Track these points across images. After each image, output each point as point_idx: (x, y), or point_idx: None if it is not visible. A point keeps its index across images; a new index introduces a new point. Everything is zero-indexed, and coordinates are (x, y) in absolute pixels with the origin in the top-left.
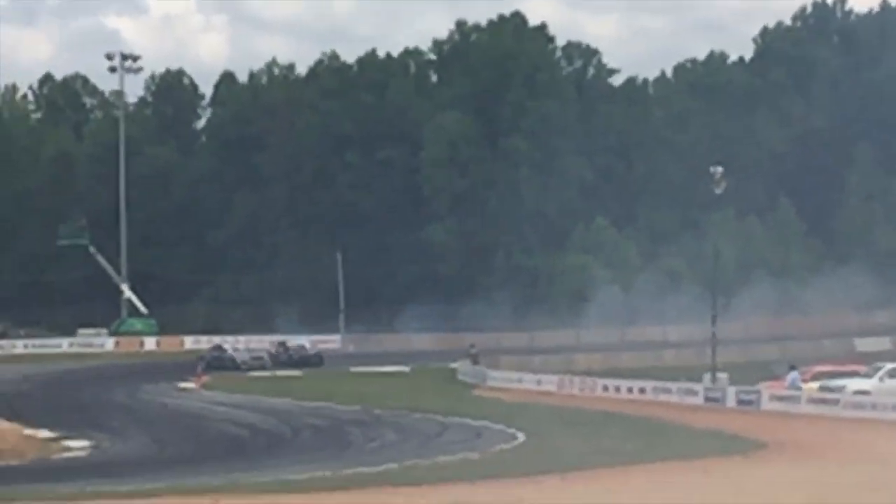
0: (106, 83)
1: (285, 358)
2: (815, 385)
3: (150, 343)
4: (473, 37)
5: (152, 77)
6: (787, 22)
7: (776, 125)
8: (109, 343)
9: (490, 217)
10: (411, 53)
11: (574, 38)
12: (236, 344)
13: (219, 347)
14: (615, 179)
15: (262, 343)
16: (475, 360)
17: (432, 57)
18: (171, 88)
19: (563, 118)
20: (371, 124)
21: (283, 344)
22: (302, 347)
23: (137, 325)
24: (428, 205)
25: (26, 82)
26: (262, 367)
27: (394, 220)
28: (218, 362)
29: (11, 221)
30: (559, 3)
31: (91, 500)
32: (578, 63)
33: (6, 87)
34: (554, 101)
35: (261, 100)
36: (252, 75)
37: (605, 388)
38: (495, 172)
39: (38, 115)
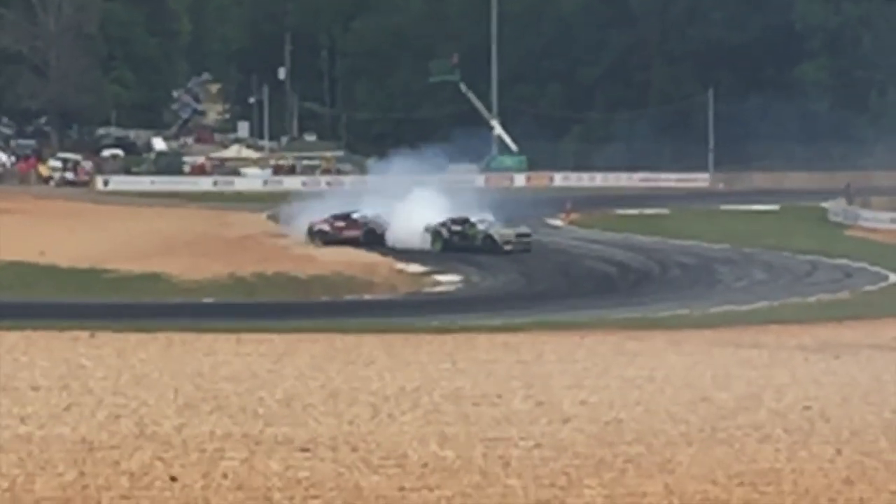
0: None
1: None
2: None
3: (519, 179)
4: None
5: None
6: None
7: None
8: (480, 179)
9: (864, 55)
10: None
11: None
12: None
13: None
14: None
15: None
16: (850, 199)
17: None
18: None
19: None
20: None
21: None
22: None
23: (507, 161)
24: (801, 42)
25: None
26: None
27: (766, 58)
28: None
29: (384, 57)
30: None
31: (460, 332)
32: None
33: None
34: None
35: None
36: None
37: None
38: (871, 9)
39: None
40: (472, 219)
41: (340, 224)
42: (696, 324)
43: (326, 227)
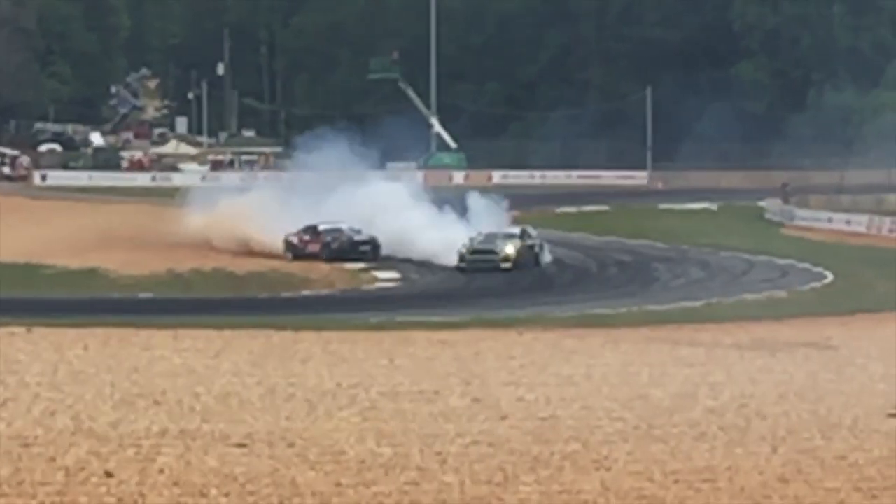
0: None
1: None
2: None
3: (458, 177)
4: None
5: None
6: None
7: None
8: (418, 176)
9: (802, 54)
10: None
11: None
12: None
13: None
14: None
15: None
16: (786, 199)
17: None
18: None
19: None
20: None
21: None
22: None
23: (446, 158)
24: (739, 41)
25: None
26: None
27: (703, 57)
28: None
29: (324, 53)
30: None
31: (398, 329)
32: None
33: None
34: None
35: None
36: None
37: None
38: (809, 9)
39: None
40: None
41: (306, 237)
42: (633, 322)
43: (295, 240)
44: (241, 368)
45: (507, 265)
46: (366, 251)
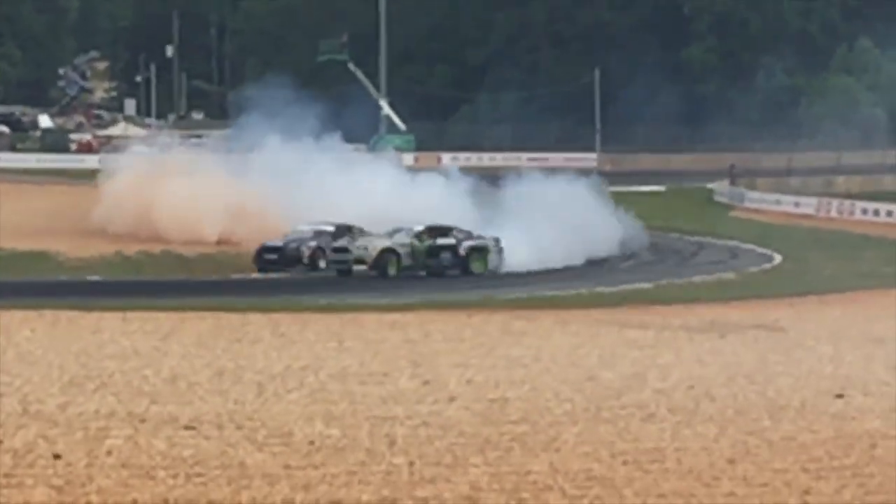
0: None
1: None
2: None
3: (407, 159)
4: None
5: None
6: None
7: None
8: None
9: (751, 37)
10: None
11: None
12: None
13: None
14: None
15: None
16: (733, 181)
17: None
18: None
19: None
20: None
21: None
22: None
23: (395, 141)
24: (688, 24)
25: None
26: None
27: (653, 40)
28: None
29: (275, 36)
30: None
31: (348, 311)
32: None
33: None
34: None
35: None
36: None
37: (865, 212)
38: None
39: None
40: None
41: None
42: (582, 303)
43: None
44: (190, 350)
45: (361, 267)
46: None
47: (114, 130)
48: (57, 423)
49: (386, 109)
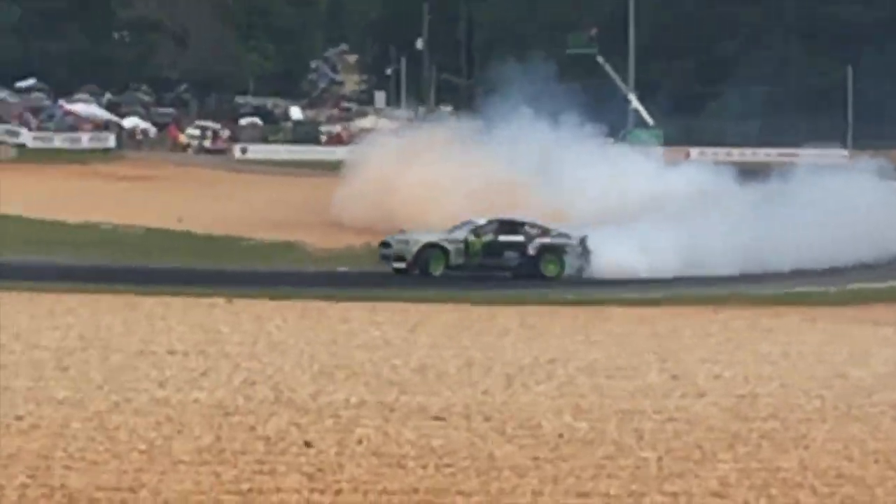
0: None
1: None
2: None
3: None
4: None
5: None
6: None
7: None
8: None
9: None
10: None
11: None
12: None
13: None
14: None
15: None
16: None
17: None
18: None
19: None
20: None
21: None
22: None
23: (643, 135)
24: None
25: None
26: None
27: None
28: None
29: (522, 29)
30: None
31: (594, 305)
32: None
33: None
34: None
35: None
36: None
37: None
38: None
39: None
40: None
41: None
42: (832, 301)
43: None
44: (438, 342)
45: (399, 265)
46: None
47: (363, 123)
48: (308, 412)
49: (634, 103)
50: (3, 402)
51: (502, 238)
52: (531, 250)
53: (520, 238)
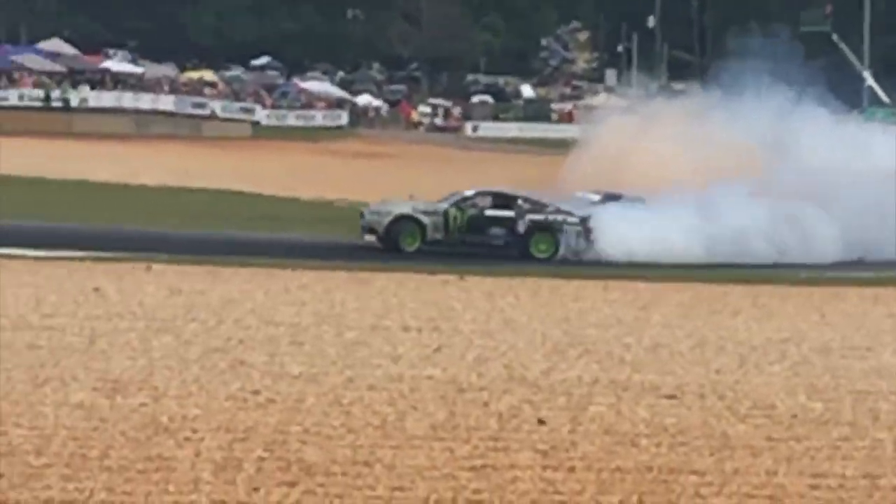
0: None
1: None
2: None
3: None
4: None
5: None
6: None
7: None
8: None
9: None
10: None
11: None
12: None
13: None
14: None
15: None
16: None
17: None
18: None
19: None
20: None
21: None
22: None
23: (879, 113)
24: None
25: None
26: None
27: None
28: None
29: (754, 6)
30: None
31: (828, 285)
32: None
33: None
34: None
35: None
36: None
37: None
38: None
39: None
40: None
41: None
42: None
43: None
44: (671, 321)
45: (370, 238)
46: None
47: (595, 100)
48: (540, 389)
49: (869, 81)
50: (241, 376)
51: (490, 213)
52: (520, 227)
53: (510, 213)
